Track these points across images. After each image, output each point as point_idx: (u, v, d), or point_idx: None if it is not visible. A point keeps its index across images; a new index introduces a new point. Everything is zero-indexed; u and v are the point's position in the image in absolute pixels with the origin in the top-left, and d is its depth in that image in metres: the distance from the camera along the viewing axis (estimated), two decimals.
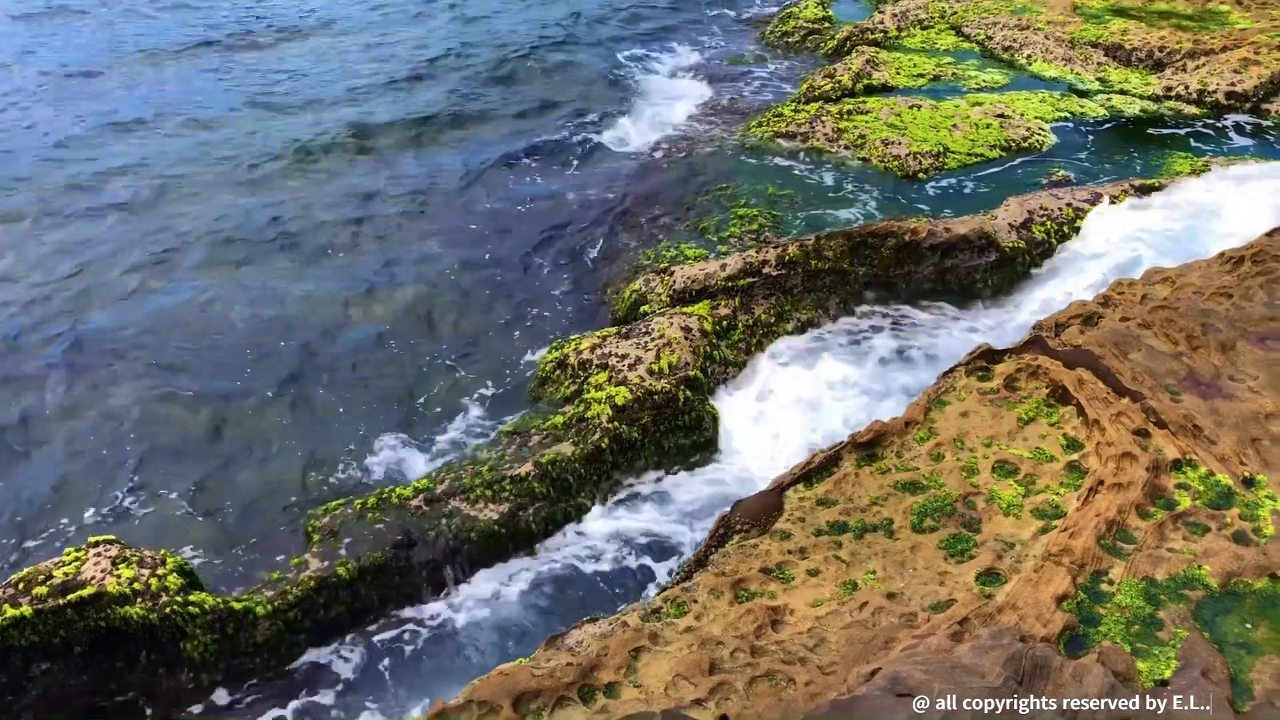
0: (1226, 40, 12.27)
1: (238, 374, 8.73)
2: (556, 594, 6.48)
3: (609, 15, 17.33)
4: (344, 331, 9.27)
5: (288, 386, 8.57)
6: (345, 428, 8.03)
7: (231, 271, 10.26)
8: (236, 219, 11.17)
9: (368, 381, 8.58)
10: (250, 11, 18.77)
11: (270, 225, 11.04)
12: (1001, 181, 10.02)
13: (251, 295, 9.79)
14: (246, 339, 9.17)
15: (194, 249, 10.67)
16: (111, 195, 11.80)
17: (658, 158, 11.51)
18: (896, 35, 13.82)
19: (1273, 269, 6.83)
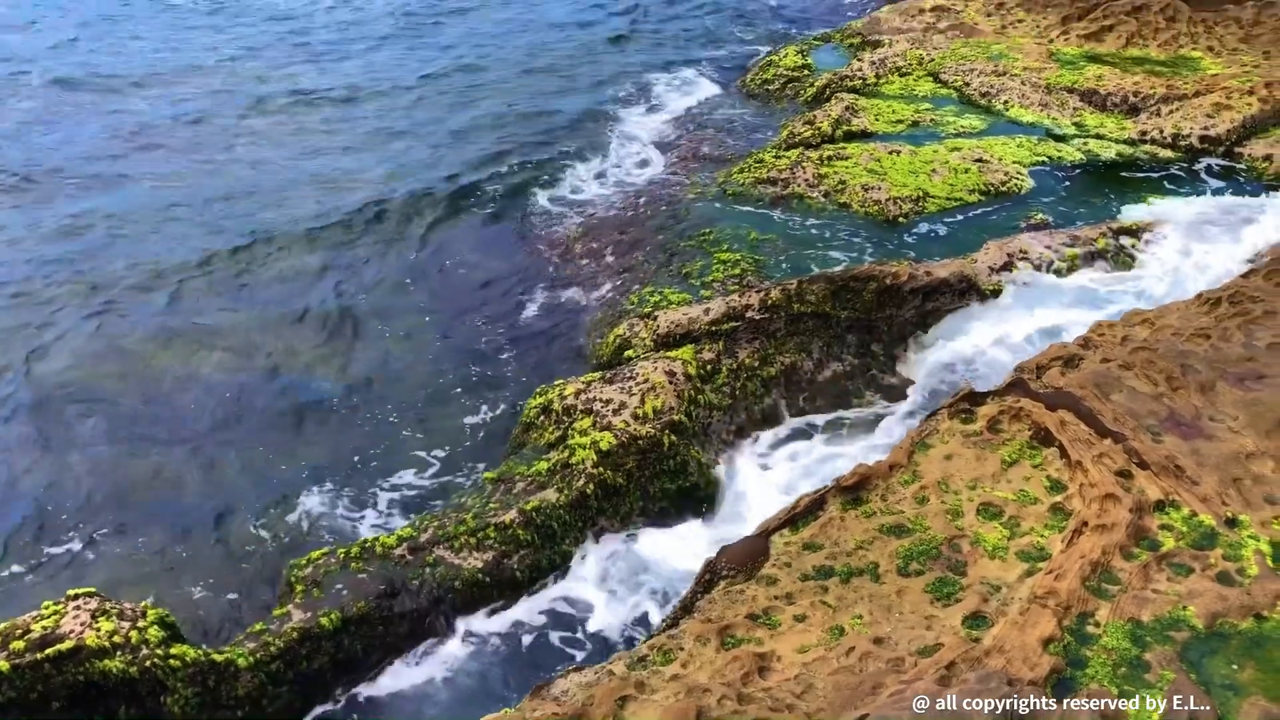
0: (1199, 86, 12.47)
1: (216, 421, 8.72)
2: (542, 642, 6.44)
3: (589, 60, 17.50)
4: (322, 381, 9.28)
5: (267, 434, 8.56)
6: (327, 476, 8.01)
7: (202, 317, 10.29)
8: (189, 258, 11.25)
9: (348, 430, 8.58)
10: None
11: (239, 269, 11.14)
12: (981, 225, 10.11)
13: (226, 342, 9.81)
14: (223, 386, 9.16)
15: (158, 293, 10.72)
16: (88, 239, 11.83)
17: (640, 203, 11.59)
18: (875, 82, 13.99)
19: (1249, 310, 6.90)
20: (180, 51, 18.81)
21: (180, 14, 21.64)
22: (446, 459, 8.22)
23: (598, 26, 19.13)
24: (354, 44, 19.00)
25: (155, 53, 18.71)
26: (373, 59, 17.88)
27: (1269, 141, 11.41)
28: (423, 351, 9.68)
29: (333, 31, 19.69)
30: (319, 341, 9.88)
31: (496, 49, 18.01)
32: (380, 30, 19.46)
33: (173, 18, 21.39)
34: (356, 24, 20.28)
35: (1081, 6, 15.09)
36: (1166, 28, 14.16)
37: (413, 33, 19.11)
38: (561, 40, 18.52)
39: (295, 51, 18.61)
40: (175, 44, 19.36)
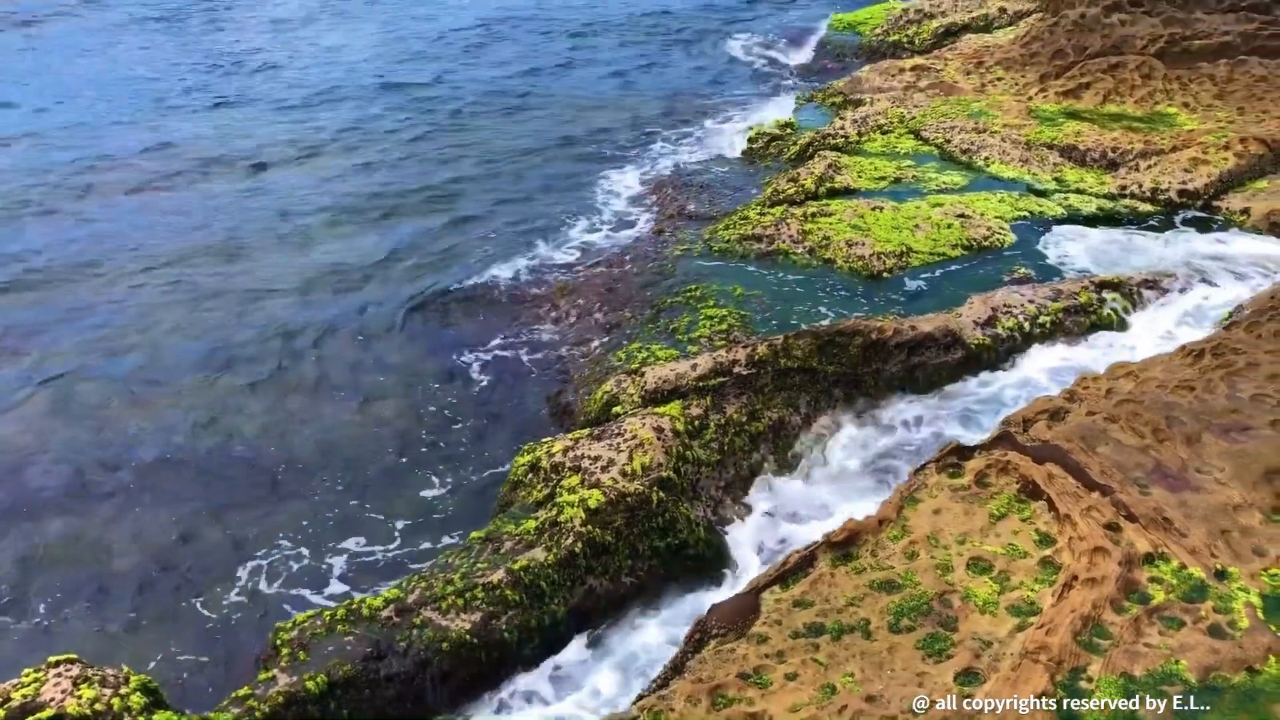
0: (1176, 141, 12.68)
1: (185, 483, 8.69)
2: (534, 706, 6.36)
3: (573, 118, 17.68)
4: (300, 442, 9.26)
5: (250, 494, 8.53)
6: (313, 537, 7.95)
7: (164, 376, 10.31)
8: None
9: (327, 492, 8.55)
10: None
11: (200, 329, 11.19)
12: (964, 279, 10.20)
13: (191, 402, 9.81)
14: (193, 449, 9.14)
15: (119, 352, 10.73)
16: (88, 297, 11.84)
17: (627, 260, 11.66)
18: (858, 140, 14.18)
19: (1232, 361, 6.96)
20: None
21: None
22: (431, 519, 8.19)
23: (580, 85, 19.36)
24: (341, 99, 19.19)
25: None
26: (359, 113, 18.05)
27: (1245, 195, 11.58)
28: (406, 410, 9.67)
29: (322, 80, 19.87)
30: (294, 404, 9.86)
31: (481, 105, 18.19)
32: (366, 86, 19.66)
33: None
34: (337, 82, 20.49)
35: (1059, 64, 15.35)
36: (1142, 84, 14.41)
37: (397, 89, 19.29)
38: (545, 97, 18.74)
39: (280, 101, 18.79)
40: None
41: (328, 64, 21.19)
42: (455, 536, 7.90)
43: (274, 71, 20.56)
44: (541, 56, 21.30)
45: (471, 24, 23.72)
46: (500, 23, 23.66)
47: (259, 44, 22.13)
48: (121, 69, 21.21)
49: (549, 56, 21.28)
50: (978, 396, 8.64)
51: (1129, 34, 14.99)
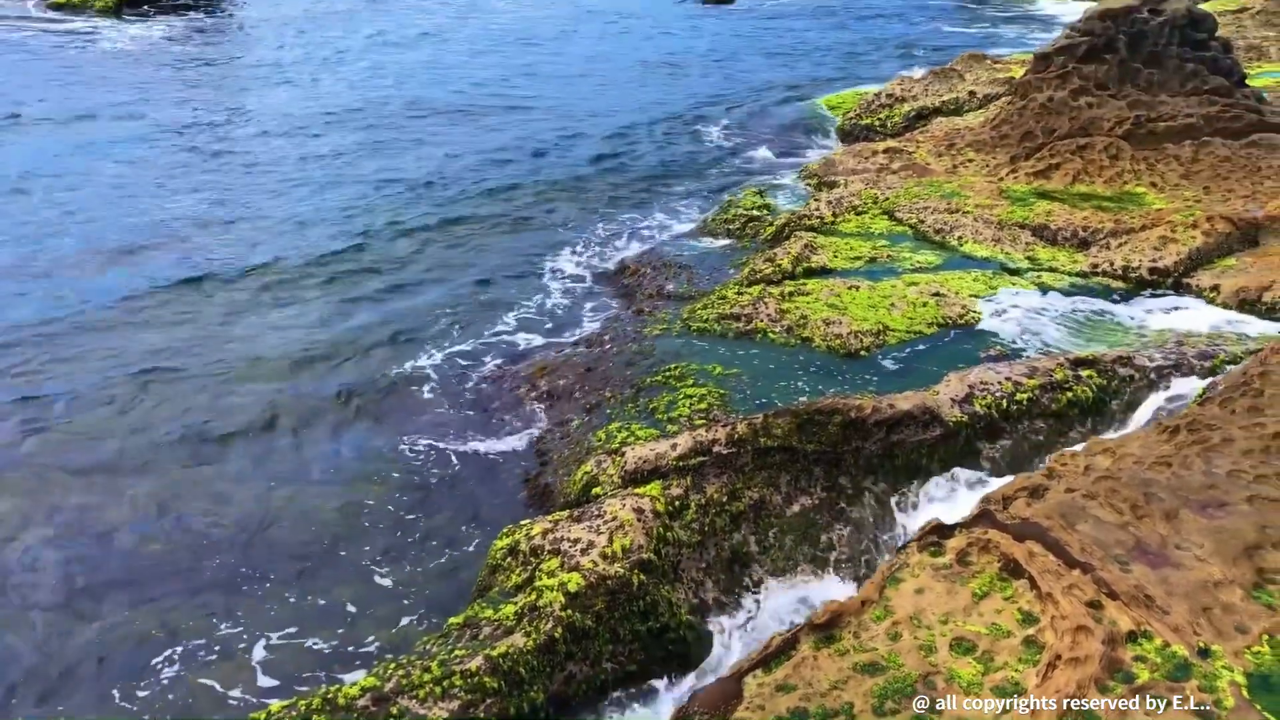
0: (1145, 220, 12.92)
1: (150, 566, 8.58)
2: None
3: (551, 197, 17.84)
4: (279, 524, 9.16)
5: (219, 575, 8.42)
6: (293, 620, 7.82)
7: (113, 452, 10.22)
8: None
9: (301, 574, 8.44)
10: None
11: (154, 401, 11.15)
12: (941, 357, 10.28)
13: (149, 484, 9.72)
14: (159, 527, 9.06)
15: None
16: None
17: (606, 340, 11.70)
18: (833, 221, 14.37)
19: (1207, 437, 7.00)
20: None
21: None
22: (406, 604, 8.09)
23: (557, 166, 19.59)
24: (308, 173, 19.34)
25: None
26: (320, 198, 18.18)
27: (1214, 272, 11.78)
28: (378, 495, 9.57)
29: (291, 138, 20.04)
30: (271, 484, 9.76)
31: (455, 184, 18.33)
32: (342, 153, 19.81)
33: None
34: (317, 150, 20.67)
35: (1028, 146, 15.68)
36: (1110, 165, 14.72)
37: (377, 158, 19.45)
38: (521, 177, 18.91)
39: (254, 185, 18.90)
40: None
41: (301, 132, 21.40)
42: (432, 622, 7.79)
43: (235, 129, 20.75)
44: (517, 137, 21.56)
45: (438, 109, 24.05)
46: (457, 112, 24.00)
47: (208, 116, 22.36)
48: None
49: (525, 137, 21.54)
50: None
51: (1096, 116, 15.35)
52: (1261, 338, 10.28)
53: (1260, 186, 13.53)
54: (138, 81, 25.19)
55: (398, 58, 29.53)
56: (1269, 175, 13.70)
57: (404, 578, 8.42)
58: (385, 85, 26.19)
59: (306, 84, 25.97)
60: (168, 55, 28.40)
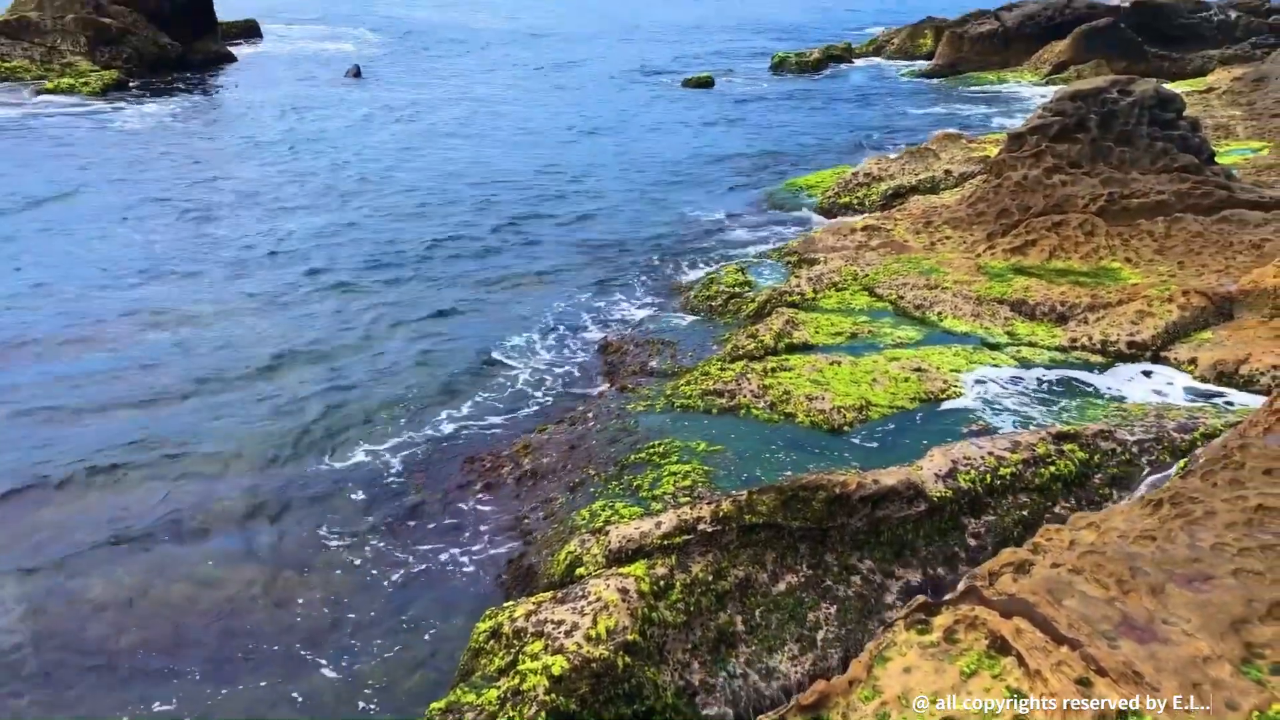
0: (1121, 295, 13.09)
1: (144, 665, 8.40)
2: None
3: (533, 276, 17.92)
4: (254, 617, 9.03)
5: (191, 668, 8.26)
6: (273, 710, 7.67)
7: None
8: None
9: (298, 672, 8.29)
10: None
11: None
12: (924, 432, 10.31)
13: (120, 590, 9.57)
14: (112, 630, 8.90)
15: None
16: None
17: (590, 417, 11.69)
18: (814, 297, 14.51)
19: (1190, 510, 7.02)
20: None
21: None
22: (394, 690, 7.95)
23: (537, 242, 19.72)
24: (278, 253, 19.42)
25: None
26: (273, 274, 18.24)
27: (1191, 345, 11.91)
28: (365, 578, 9.47)
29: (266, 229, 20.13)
30: (251, 574, 9.64)
31: (433, 256, 18.44)
32: (305, 242, 19.92)
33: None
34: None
35: (1005, 223, 15.92)
36: (1086, 241, 14.96)
37: (349, 239, 19.56)
38: (504, 252, 19.02)
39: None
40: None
41: (269, 214, 21.52)
42: (416, 710, 7.64)
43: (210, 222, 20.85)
44: (494, 214, 21.74)
45: (411, 187, 24.26)
46: (431, 190, 24.22)
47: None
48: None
49: (502, 214, 21.73)
50: None
51: (1070, 193, 15.63)
52: (1240, 410, 10.37)
53: (1232, 261, 13.76)
54: (121, 161, 25.38)
55: (378, 137, 29.88)
56: (1240, 250, 13.94)
57: (387, 664, 8.29)
58: (363, 163, 26.45)
59: (285, 165, 26.16)
60: (153, 137, 28.67)
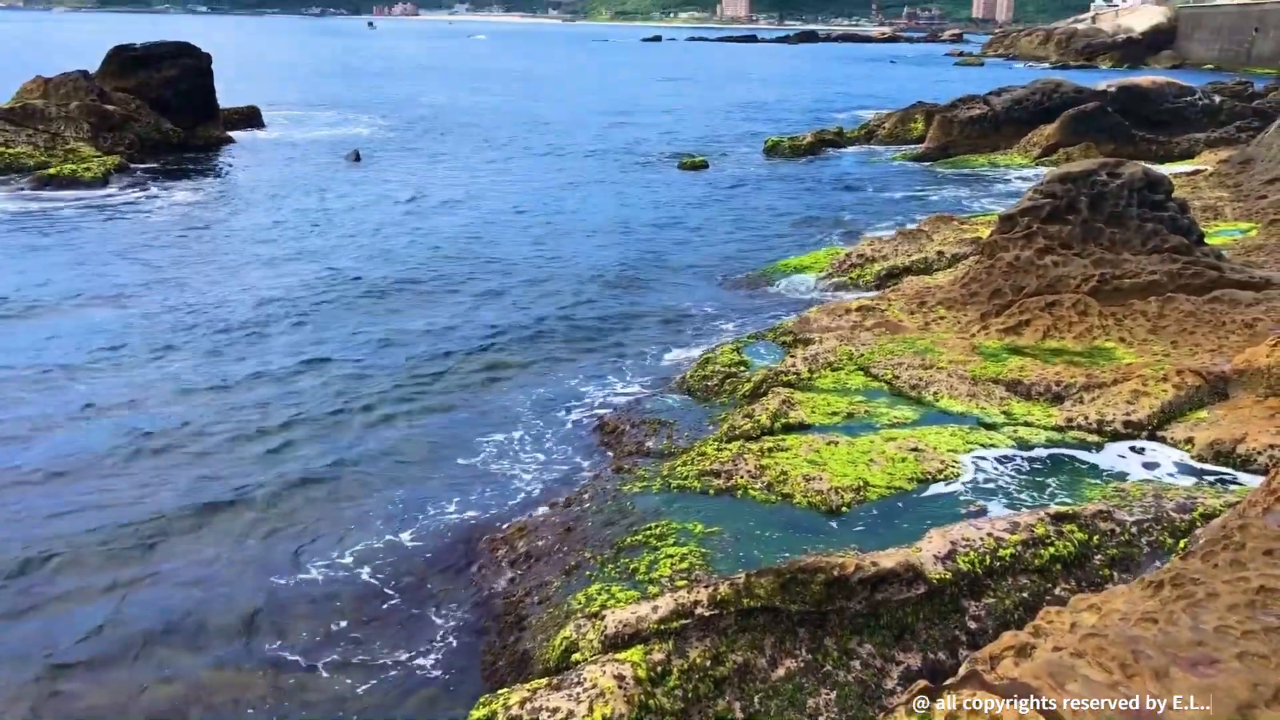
0: (1116, 374, 13.13)
1: None
2: None
3: (523, 358, 17.94)
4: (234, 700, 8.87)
5: None
6: None
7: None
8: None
9: None
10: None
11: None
12: (922, 513, 10.25)
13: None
14: None
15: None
16: None
17: (585, 499, 11.63)
18: (809, 377, 14.54)
19: (1192, 592, 6.95)
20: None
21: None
22: None
23: (531, 325, 19.78)
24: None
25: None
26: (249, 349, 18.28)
27: (1188, 425, 11.91)
28: (357, 668, 9.32)
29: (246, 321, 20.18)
30: (245, 679, 9.50)
31: (424, 343, 18.49)
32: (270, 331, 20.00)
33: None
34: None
35: (998, 303, 16.04)
36: (1079, 321, 15.05)
37: (345, 325, 19.65)
38: (496, 335, 19.06)
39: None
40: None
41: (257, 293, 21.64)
42: None
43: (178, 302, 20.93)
44: (488, 299, 21.85)
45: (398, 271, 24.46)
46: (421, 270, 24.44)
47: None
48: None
49: (497, 298, 21.85)
50: None
51: (1062, 274, 15.78)
52: (1238, 490, 10.33)
53: (1225, 341, 13.83)
54: (121, 255, 25.54)
55: (372, 220, 30.18)
56: (1233, 330, 14.03)
57: None
58: (354, 247, 26.58)
59: (274, 248, 26.30)
60: (148, 221, 28.95)
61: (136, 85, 42.24)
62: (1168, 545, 9.39)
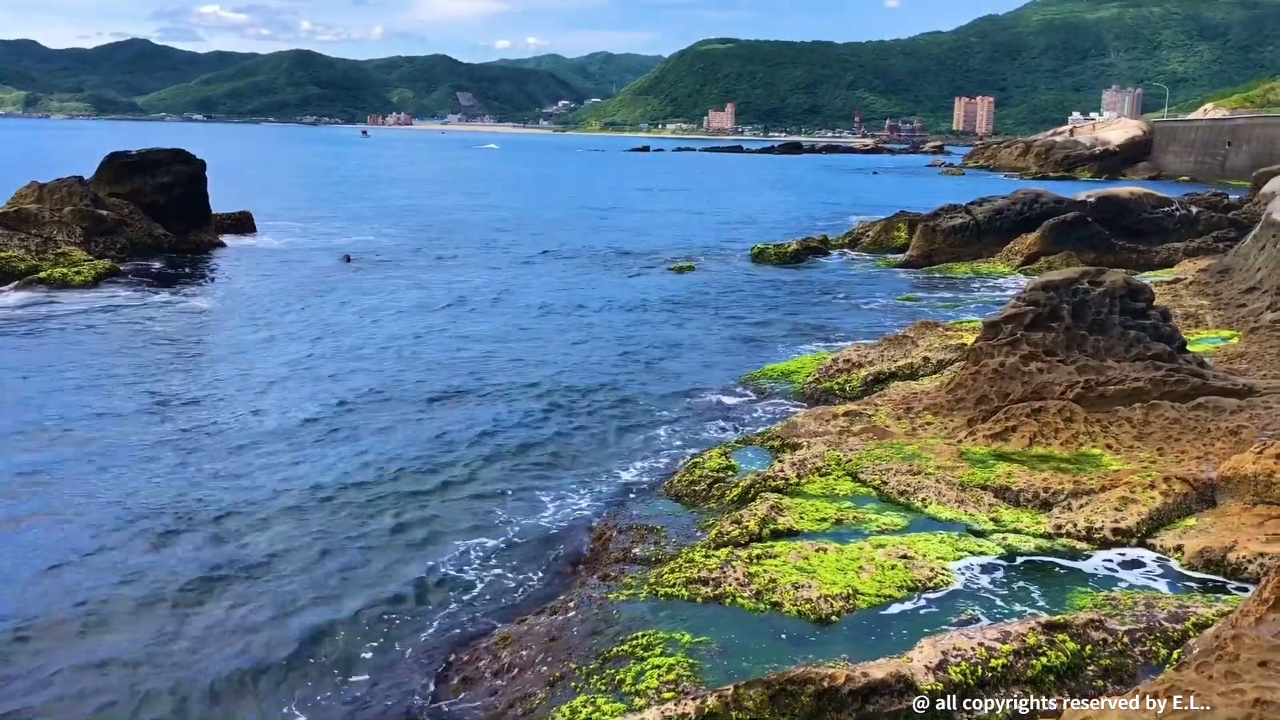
0: (1104, 481, 13.12)
1: None
2: None
3: (505, 465, 17.79)
4: None
5: None
6: None
7: None
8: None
9: None
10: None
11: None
12: (912, 622, 10.12)
13: None
14: None
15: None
16: None
17: (570, 607, 11.43)
18: (797, 482, 14.48)
19: (1188, 705, 6.83)
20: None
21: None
22: None
23: (517, 431, 19.69)
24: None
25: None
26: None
27: (1177, 532, 11.87)
28: None
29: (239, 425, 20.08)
30: None
31: (418, 453, 18.39)
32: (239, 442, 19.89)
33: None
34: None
35: (984, 409, 16.09)
36: (1065, 427, 15.09)
37: (333, 438, 19.55)
38: (479, 441, 18.94)
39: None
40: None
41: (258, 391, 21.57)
42: None
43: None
44: (478, 404, 21.84)
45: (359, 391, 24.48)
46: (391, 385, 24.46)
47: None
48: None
49: (485, 405, 21.83)
50: None
51: (1047, 381, 15.88)
52: (1230, 599, 10.24)
53: (1211, 447, 13.87)
54: (104, 350, 25.56)
55: (360, 325, 30.27)
56: (1218, 436, 14.08)
57: None
58: (337, 352, 26.58)
59: (259, 355, 26.27)
60: (137, 327, 29.01)
61: (131, 191, 42.82)
62: (1161, 655, 9.26)
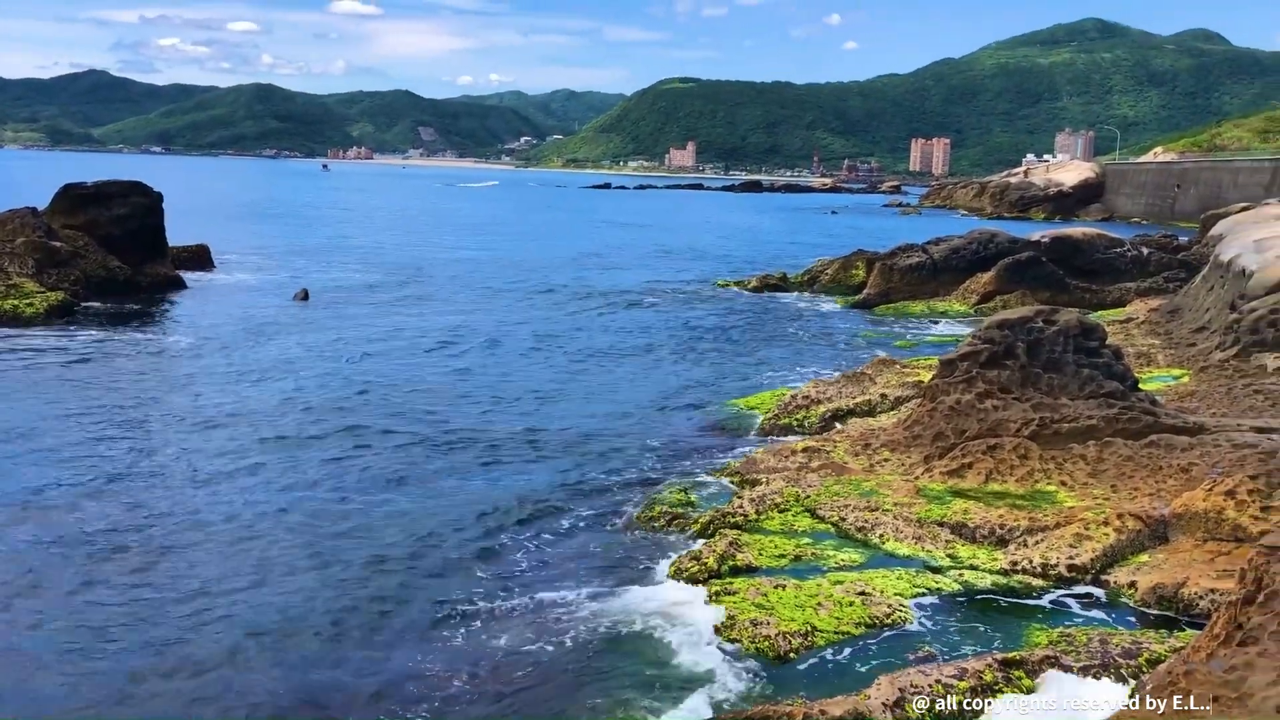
0: (1058, 518, 13.25)
1: None
2: None
3: (461, 507, 17.66)
4: None
5: None
6: None
7: None
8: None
9: None
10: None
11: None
12: (870, 658, 10.13)
13: None
14: None
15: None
16: None
17: (532, 640, 11.33)
18: (756, 518, 14.48)
19: None
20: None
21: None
22: None
23: (468, 474, 19.54)
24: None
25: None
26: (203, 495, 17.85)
27: (1130, 569, 12.00)
28: None
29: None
30: None
31: (377, 498, 18.20)
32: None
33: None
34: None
35: (941, 446, 16.21)
36: (1020, 464, 15.24)
37: (274, 495, 19.30)
38: (432, 494, 18.73)
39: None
40: None
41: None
42: None
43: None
44: (435, 447, 21.67)
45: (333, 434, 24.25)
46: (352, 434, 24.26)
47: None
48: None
49: (443, 448, 21.67)
50: None
51: (1002, 418, 16.04)
52: (1182, 635, 10.34)
53: (1163, 484, 14.05)
54: (58, 389, 25.15)
55: (316, 362, 29.88)
56: (1170, 474, 14.26)
57: None
58: (294, 391, 26.03)
59: (213, 394, 25.79)
60: (88, 369, 28.48)
61: (86, 222, 42.20)
62: None
